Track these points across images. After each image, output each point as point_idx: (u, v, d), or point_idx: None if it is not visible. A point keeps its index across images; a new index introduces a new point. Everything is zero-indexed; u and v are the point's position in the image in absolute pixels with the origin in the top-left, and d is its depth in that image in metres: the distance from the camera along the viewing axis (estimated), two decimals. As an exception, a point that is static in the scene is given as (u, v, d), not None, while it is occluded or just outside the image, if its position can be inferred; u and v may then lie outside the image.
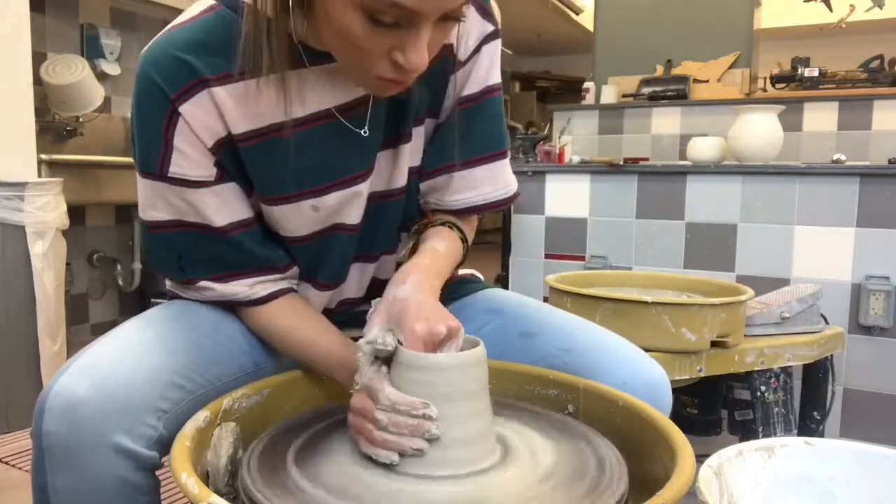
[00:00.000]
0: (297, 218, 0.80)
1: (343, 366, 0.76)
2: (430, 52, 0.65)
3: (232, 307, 0.83)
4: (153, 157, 0.73)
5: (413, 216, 0.89)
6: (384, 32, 0.62)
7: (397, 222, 0.88)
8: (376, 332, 0.65)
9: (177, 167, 0.73)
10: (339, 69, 0.73)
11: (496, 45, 0.84)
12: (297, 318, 0.82)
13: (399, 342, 0.64)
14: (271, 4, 0.66)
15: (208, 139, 0.73)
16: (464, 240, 0.86)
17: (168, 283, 0.87)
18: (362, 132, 0.77)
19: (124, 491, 0.66)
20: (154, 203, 0.77)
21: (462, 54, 0.82)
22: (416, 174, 0.86)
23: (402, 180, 0.84)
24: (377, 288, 0.90)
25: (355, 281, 0.90)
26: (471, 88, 0.84)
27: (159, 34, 0.73)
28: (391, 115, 0.80)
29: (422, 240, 0.83)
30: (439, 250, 0.80)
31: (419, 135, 0.84)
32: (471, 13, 0.81)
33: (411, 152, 0.84)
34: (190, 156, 0.73)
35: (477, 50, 0.83)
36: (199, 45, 0.71)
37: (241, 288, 0.80)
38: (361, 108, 0.78)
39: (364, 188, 0.81)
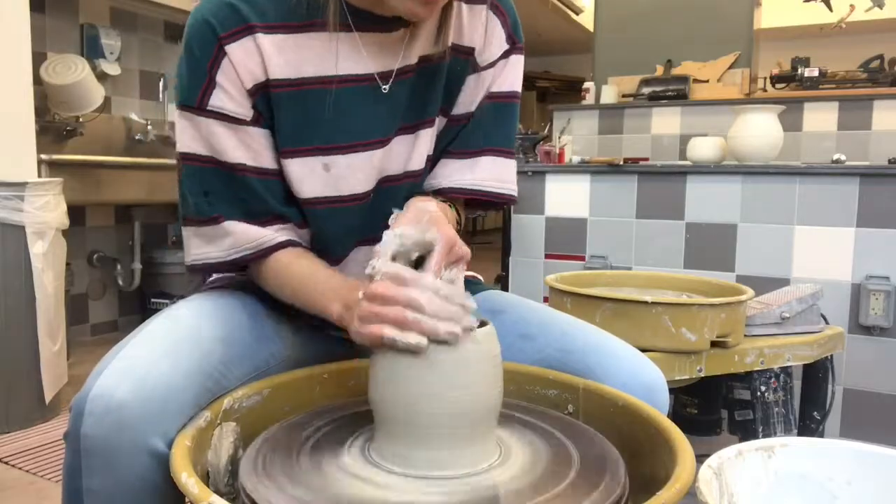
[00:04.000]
0: (308, 175, 0.82)
1: (339, 296, 0.74)
2: None
3: (248, 264, 0.84)
4: (195, 91, 0.79)
5: None
6: None
7: None
8: (409, 227, 0.66)
9: (217, 100, 0.79)
10: (380, 37, 0.80)
11: (521, 59, 0.91)
12: (301, 258, 0.83)
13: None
14: None
15: (248, 81, 0.79)
16: (458, 222, 0.89)
17: (192, 254, 0.86)
18: (383, 88, 0.82)
19: (157, 496, 0.66)
20: (190, 135, 0.81)
21: (482, 61, 0.88)
22: (428, 162, 0.89)
23: (419, 164, 0.87)
24: None
25: (360, 264, 0.90)
26: (499, 87, 0.90)
27: None
28: (416, 97, 0.84)
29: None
30: (447, 209, 0.85)
31: (435, 126, 0.88)
32: (497, 29, 0.88)
33: (430, 139, 0.87)
34: (230, 92, 0.78)
35: (505, 57, 0.89)
36: None
37: (261, 230, 0.82)
38: (389, 78, 0.82)
39: (377, 158, 0.84)
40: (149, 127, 3.20)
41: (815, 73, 3.07)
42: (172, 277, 3.15)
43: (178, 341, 0.72)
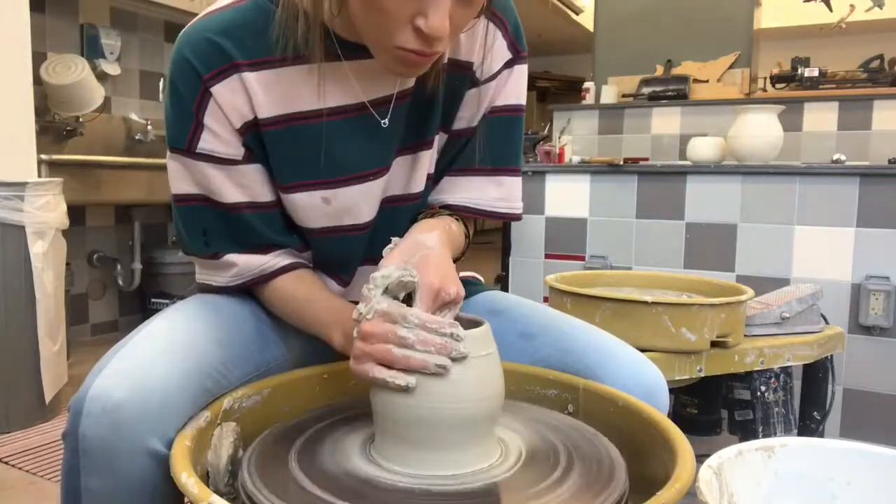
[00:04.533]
0: (309, 208, 0.82)
1: (340, 323, 0.77)
2: (454, 28, 0.66)
3: (251, 287, 0.84)
4: (184, 133, 0.76)
5: None
6: None
7: None
8: (394, 268, 0.65)
9: (206, 143, 0.76)
10: (370, 65, 0.75)
11: (525, 69, 0.87)
12: (302, 282, 0.84)
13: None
14: None
15: (236, 121, 0.76)
16: (467, 235, 0.88)
17: (197, 274, 0.89)
18: (383, 123, 0.79)
19: (155, 495, 0.66)
20: (182, 177, 0.79)
21: (482, 75, 0.84)
22: (429, 180, 0.87)
23: (419, 185, 0.85)
24: None
25: (365, 281, 0.90)
26: (504, 100, 0.86)
27: (196, 18, 0.76)
28: (414, 120, 0.82)
29: (435, 216, 0.85)
30: (453, 229, 0.83)
31: (435, 144, 0.85)
32: (498, 40, 0.83)
33: (430, 159, 0.85)
34: (219, 134, 0.76)
35: (508, 67, 0.85)
36: (233, 29, 0.74)
37: (262, 258, 0.82)
38: (387, 105, 0.80)
39: (377, 187, 0.83)
40: (149, 127, 3.19)
41: (815, 73, 3.07)
42: (172, 277, 3.15)
43: (176, 342, 0.72)
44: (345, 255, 0.87)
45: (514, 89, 0.86)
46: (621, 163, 2.33)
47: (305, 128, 0.78)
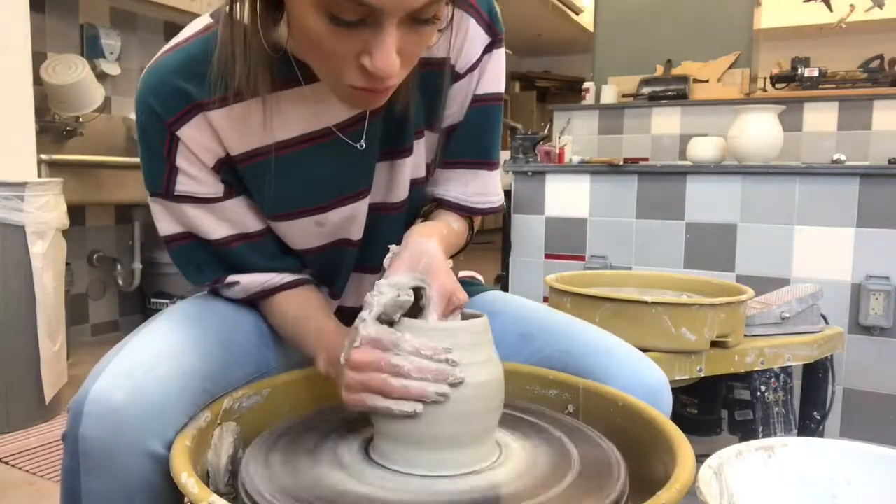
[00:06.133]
0: (303, 233, 0.81)
1: (325, 348, 0.76)
2: (407, 60, 0.63)
3: (255, 300, 0.84)
4: (159, 178, 0.76)
5: None
6: (348, 33, 0.59)
7: (399, 235, 0.87)
8: (403, 276, 0.64)
9: (182, 185, 0.76)
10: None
11: (503, 52, 0.83)
12: (298, 300, 0.83)
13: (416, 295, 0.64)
14: (249, 10, 0.65)
15: (209, 160, 0.75)
16: (470, 227, 0.87)
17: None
18: (358, 146, 0.77)
19: (155, 496, 0.66)
20: (166, 218, 0.79)
21: (462, 66, 0.80)
22: (421, 184, 0.85)
23: (401, 194, 0.83)
24: None
25: (354, 289, 0.90)
26: (484, 89, 0.82)
27: (158, 54, 0.74)
28: (389, 130, 0.79)
29: (437, 213, 0.84)
30: (454, 227, 0.82)
31: (419, 147, 0.82)
32: (472, 27, 0.79)
33: (412, 166, 0.83)
34: (194, 175, 0.75)
35: (487, 52, 0.81)
36: (193, 66, 0.71)
37: (265, 276, 0.82)
38: (359, 125, 0.77)
39: (366, 203, 0.82)
40: (149, 127, 3.19)
41: (815, 73, 3.07)
42: (172, 277, 3.15)
43: (176, 343, 0.72)
44: (336, 266, 0.86)
45: (492, 77, 0.82)
46: (621, 163, 2.33)
47: (281, 159, 0.76)
